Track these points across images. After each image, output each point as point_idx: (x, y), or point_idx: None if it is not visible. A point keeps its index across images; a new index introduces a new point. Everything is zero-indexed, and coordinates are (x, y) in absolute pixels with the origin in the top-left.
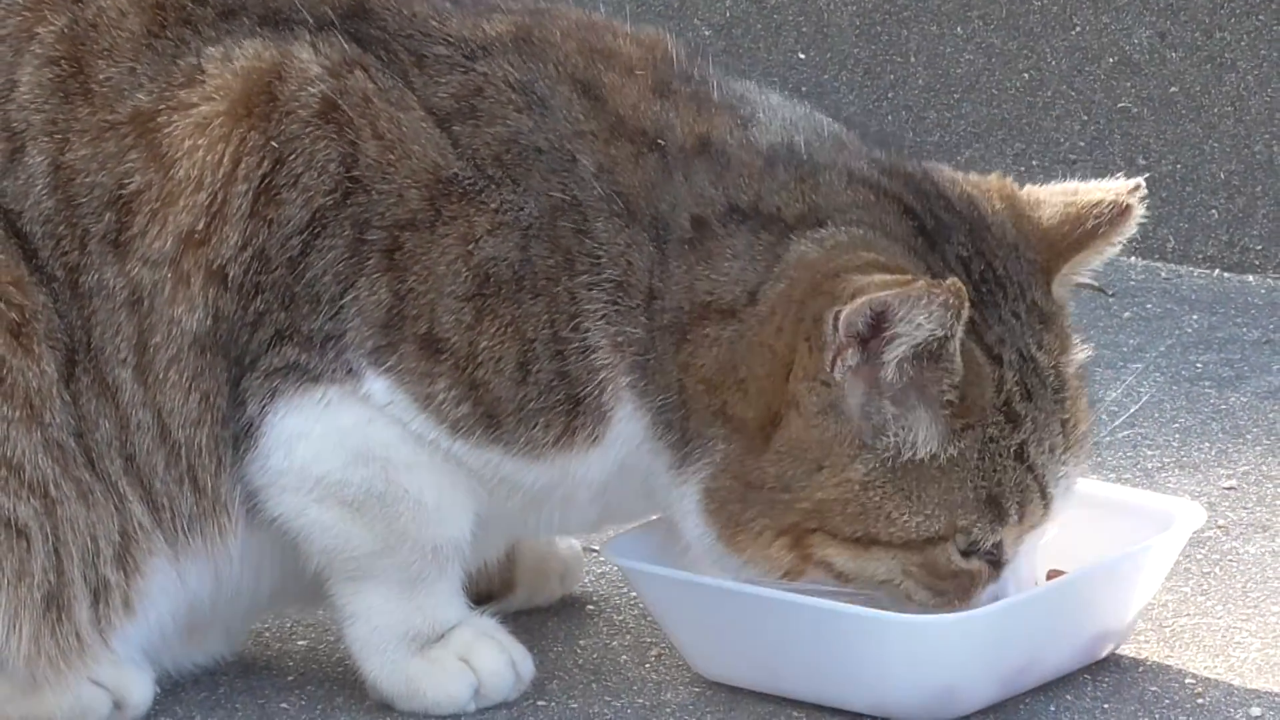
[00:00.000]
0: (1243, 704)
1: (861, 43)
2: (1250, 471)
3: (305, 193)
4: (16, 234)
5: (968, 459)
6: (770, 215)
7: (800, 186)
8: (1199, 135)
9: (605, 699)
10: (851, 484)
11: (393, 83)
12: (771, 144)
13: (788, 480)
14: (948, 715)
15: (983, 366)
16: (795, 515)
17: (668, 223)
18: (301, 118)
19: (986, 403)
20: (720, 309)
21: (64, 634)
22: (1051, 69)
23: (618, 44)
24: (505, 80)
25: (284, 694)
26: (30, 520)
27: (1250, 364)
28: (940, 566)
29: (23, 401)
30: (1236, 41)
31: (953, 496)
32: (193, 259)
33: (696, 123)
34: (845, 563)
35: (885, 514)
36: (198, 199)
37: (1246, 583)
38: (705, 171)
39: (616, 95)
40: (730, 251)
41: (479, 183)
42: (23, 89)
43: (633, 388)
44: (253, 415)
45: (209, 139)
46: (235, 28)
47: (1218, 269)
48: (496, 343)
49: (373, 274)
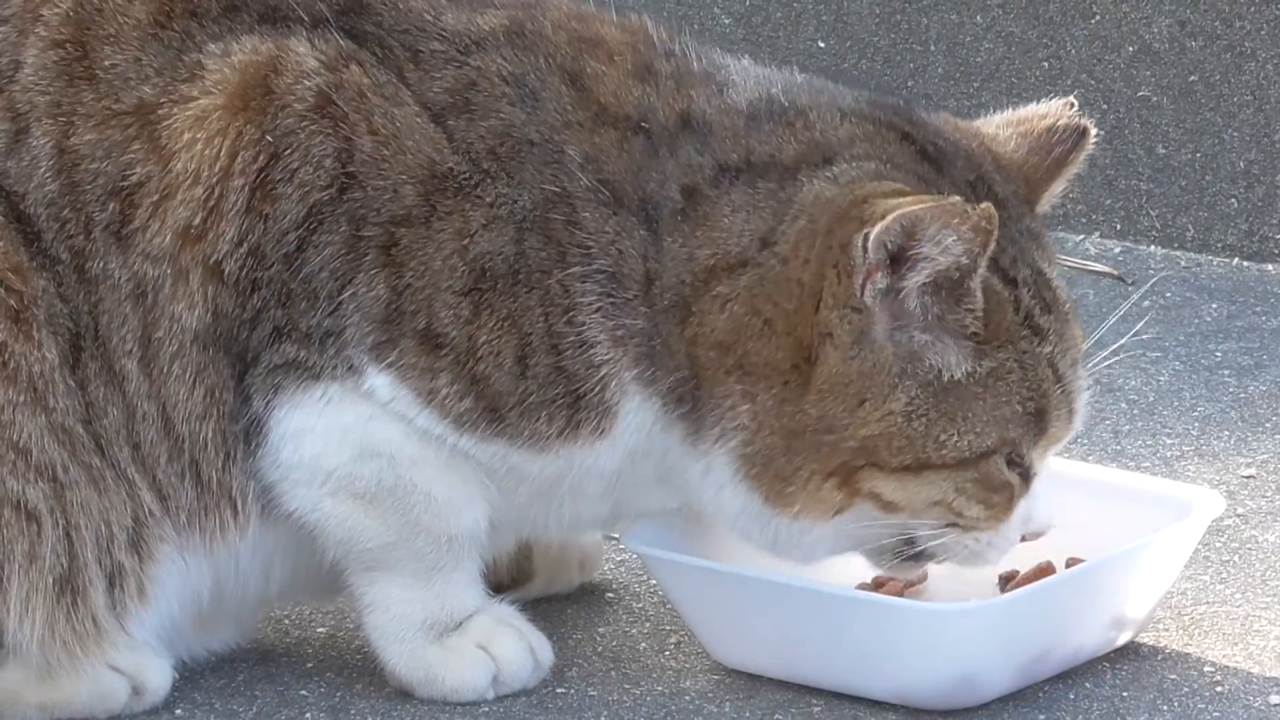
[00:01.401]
0: (1262, 692)
1: (881, 31)
2: (1269, 460)
3: (301, 188)
4: (18, 218)
5: (1009, 373)
6: (765, 163)
7: (789, 130)
8: (1219, 124)
9: (624, 686)
10: (894, 416)
11: (388, 78)
12: (750, 100)
13: (831, 420)
14: (967, 703)
15: (1001, 292)
16: (843, 455)
17: (657, 201)
18: (297, 111)
19: (1010, 323)
20: (729, 265)
21: (80, 619)
22: (1071, 58)
23: (603, 31)
24: (499, 74)
25: (303, 681)
26: (40, 503)
27: (1270, 352)
28: (994, 478)
29: (26, 386)
30: (1256, 30)
31: (1001, 411)
32: (190, 255)
33: (676, 100)
34: (895, 491)
35: (934, 438)
36: (195, 193)
37: (1266, 571)
38: (689, 144)
39: (599, 83)
40: (729, 207)
41: (474, 177)
42: (27, 70)
43: (639, 379)
44: (258, 410)
45: (206, 133)
46: (237, 23)
47: (1237, 258)
48: (495, 337)
49: (370, 270)
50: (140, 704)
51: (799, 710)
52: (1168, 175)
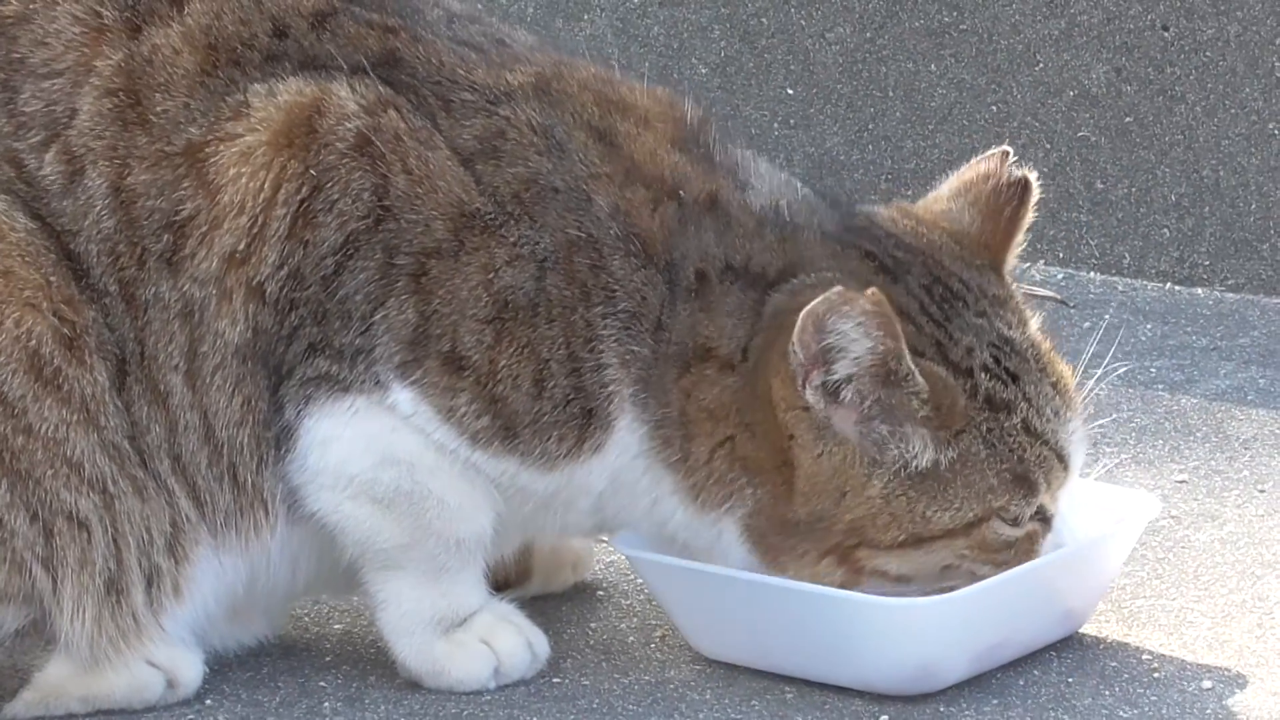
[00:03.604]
0: (1195, 678)
1: (844, 79)
2: (1200, 466)
3: (340, 217)
4: (67, 256)
5: (976, 455)
6: (757, 274)
7: (782, 246)
8: (1152, 161)
9: (614, 676)
10: (874, 500)
11: (422, 123)
12: (763, 206)
13: (819, 513)
14: (925, 689)
15: (947, 380)
16: (835, 537)
17: (678, 270)
18: (339, 149)
19: (965, 409)
20: (720, 359)
21: (122, 616)
22: (1017, 102)
23: (633, 98)
24: (527, 124)
25: (322, 673)
26: (90, 514)
27: (1200, 369)
28: (991, 542)
29: (79, 406)
30: (1186, 76)
31: (977, 486)
32: (235, 277)
33: (707, 181)
34: (898, 566)
35: (919, 515)
36: (240, 222)
37: (1198, 567)
38: (712, 228)
39: (631, 143)
40: (726, 308)
41: (499, 218)
42: (83, 117)
43: (634, 400)
44: (290, 419)
45: (252, 166)
46: (278, 70)
47: (1170, 283)
48: (514, 361)
49: (401, 295)
50: (174, 696)
51: (773, 696)
52: (1105, 208)
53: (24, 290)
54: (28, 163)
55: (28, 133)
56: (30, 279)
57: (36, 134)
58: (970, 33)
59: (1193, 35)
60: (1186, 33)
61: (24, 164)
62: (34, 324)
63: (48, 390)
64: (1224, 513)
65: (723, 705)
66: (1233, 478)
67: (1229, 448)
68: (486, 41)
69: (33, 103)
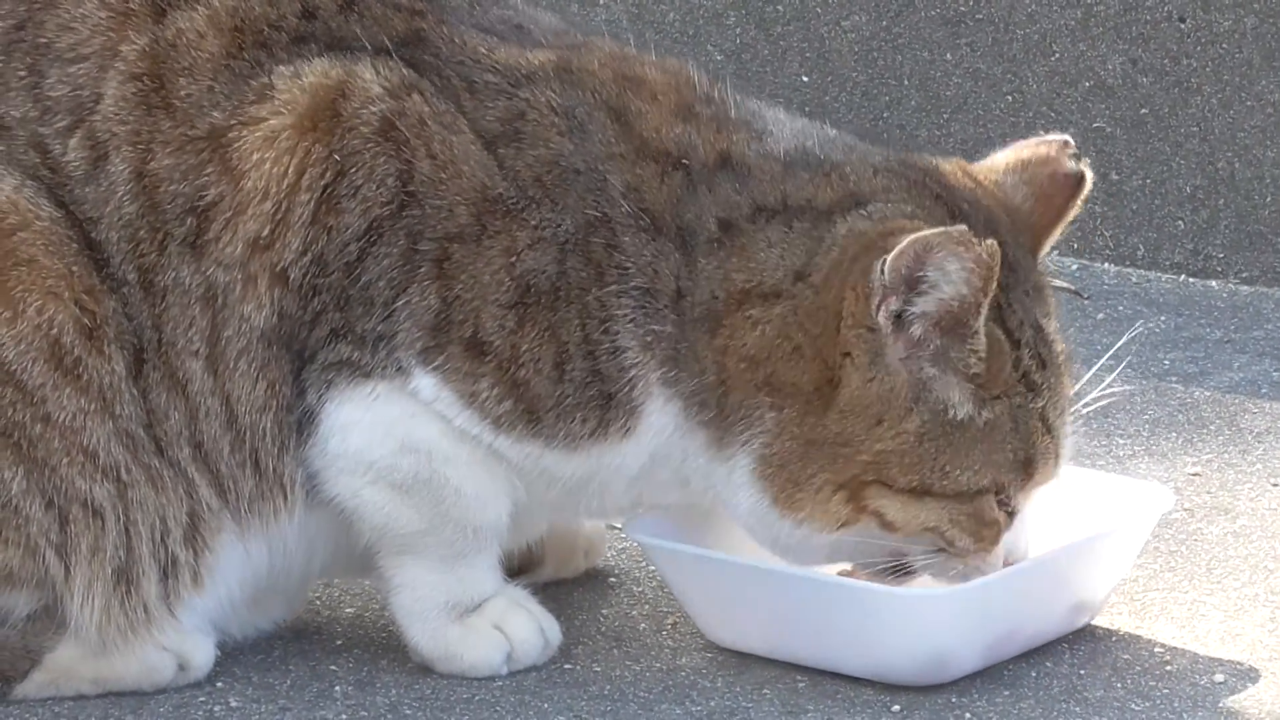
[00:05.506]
0: (1207, 671)
1: (860, 67)
2: (1213, 459)
3: (364, 203)
4: (89, 245)
5: (1004, 424)
6: (801, 207)
7: (825, 180)
8: (1167, 153)
9: (626, 663)
10: (908, 435)
11: (446, 106)
12: (786, 150)
13: (849, 435)
14: (938, 679)
15: (1003, 345)
16: (855, 468)
17: (693, 229)
18: (363, 134)
19: (1008, 377)
20: (762, 293)
21: (132, 606)
22: (1033, 92)
23: (645, 72)
24: (548, 105)
25: (333, 657)
26: (105, 502)
27: (1213, 361)
28: (985, 515)
29: (97, 395)
30: (1202, 68)
31: (996, 456)
32: (259, 262)
33: (717, 140)
34: (897, 512)
35: (940, 466)
36: (264, 208)
37: (1210, 561)
38: (728, 182)
39: (642, 120)
40: (764, 242)
41: (521, 202)
42: (108, 101)
43: (663, 380)
44: (311, 404)
45: (276, 151)
46: (305, 52)
47: (1184, 274)
48: (536, 345)
49: (424, 281)
50: (185, 678)
51: (785, 685)
52: (1120, 199)
53: (47, 279)
54: (53, 148)
55: (53, 118)
56: (53, 268)
57: (62, 119)
58: (986, 22)
59: (1209, 27)
60: (1203, 24)
61: (49, 149)
62: (56, 313)
63: (67, 379)
64: (1237, 506)
65: (734, 693)
66: (1246, 471)
67: (1242, 441)
68: (506, 29)
69: (59, 88)
